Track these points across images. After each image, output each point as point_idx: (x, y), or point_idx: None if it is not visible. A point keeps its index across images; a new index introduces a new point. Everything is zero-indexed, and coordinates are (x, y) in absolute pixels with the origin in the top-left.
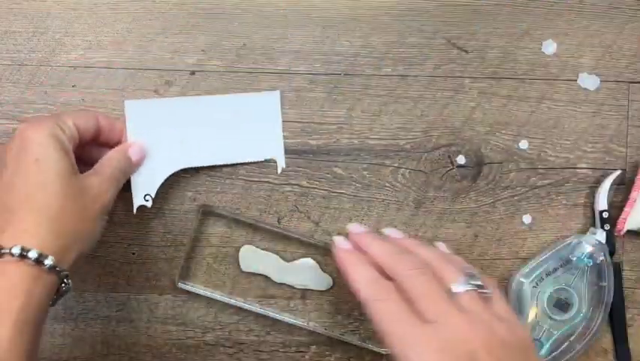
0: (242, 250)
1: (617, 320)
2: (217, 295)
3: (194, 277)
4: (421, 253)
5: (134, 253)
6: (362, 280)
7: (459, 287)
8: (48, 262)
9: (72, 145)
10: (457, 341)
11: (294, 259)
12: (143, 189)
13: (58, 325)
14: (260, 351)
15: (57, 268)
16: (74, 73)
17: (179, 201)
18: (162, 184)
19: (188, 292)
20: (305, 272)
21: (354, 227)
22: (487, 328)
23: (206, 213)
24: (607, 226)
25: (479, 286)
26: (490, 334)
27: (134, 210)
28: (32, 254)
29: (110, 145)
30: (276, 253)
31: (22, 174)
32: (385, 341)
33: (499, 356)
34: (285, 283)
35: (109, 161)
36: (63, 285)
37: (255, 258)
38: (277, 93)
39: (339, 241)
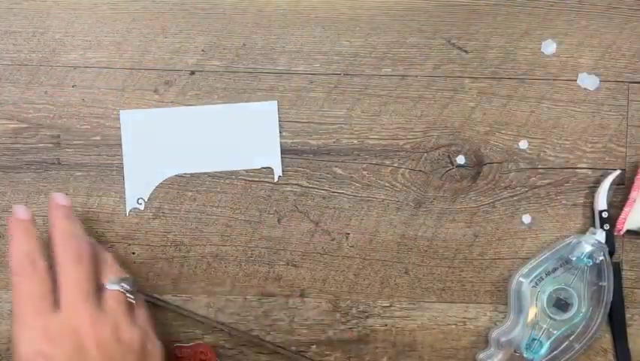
0: None
1: (616, 320)
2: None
3: (194, 276)
4: (86, 244)
5: (134, 253)
6: (18, 252)
7: (111, 285)
8: None
9: None
10: (71, 332)
11: None
12: (137, 193)
13: None
14: (260, 353)
15: None
16: (74, 73)
17: (179, 201)
18: (162, 184)
19: (188, 291)
20: None
21: (57, 197)
22: (112, 328)
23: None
24: (606, 226)
25: (129, 291)
26: (111, 334)
27: (127, 213)
28: None
29: None
30: None
31: None
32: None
33: (111, 356)
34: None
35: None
36: None
37: None
38: (274, 103)
39: (18, 209)
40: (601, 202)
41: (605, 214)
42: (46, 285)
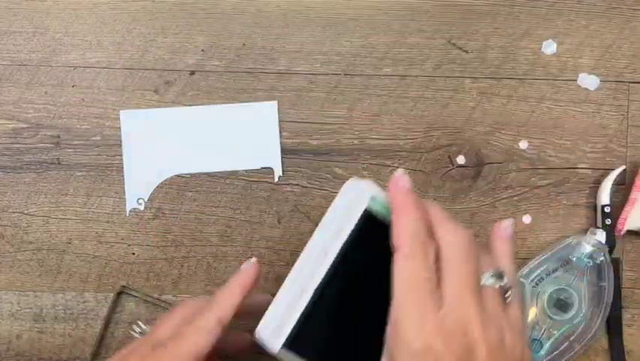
0: None
1: (612, 316)
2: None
3: (194, 276)
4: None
5: (134, 253)
6: (410, 230)
7: (488, 280)
8: None
9: None
10: (461, 331)
11: None
12: (137, 193)
13: (58, 325)
14: (260, 353)
15: None
16: (74, 73)
17: (179, 201)
18: (161, 184)
19: (188, 291)
20: None
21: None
22: (497, 330)
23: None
24: (608, 221)
25: (505, 288)
26: (497, 336)
27: (127, 213)
28: None
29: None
30: None
31: None
32: (392, 301)
33: None
34: None
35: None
36: None
37: None
38: (274, 103)
39: (400, 175)
40: (604, 197)
41: (607, 209)
42: (434, 275)
